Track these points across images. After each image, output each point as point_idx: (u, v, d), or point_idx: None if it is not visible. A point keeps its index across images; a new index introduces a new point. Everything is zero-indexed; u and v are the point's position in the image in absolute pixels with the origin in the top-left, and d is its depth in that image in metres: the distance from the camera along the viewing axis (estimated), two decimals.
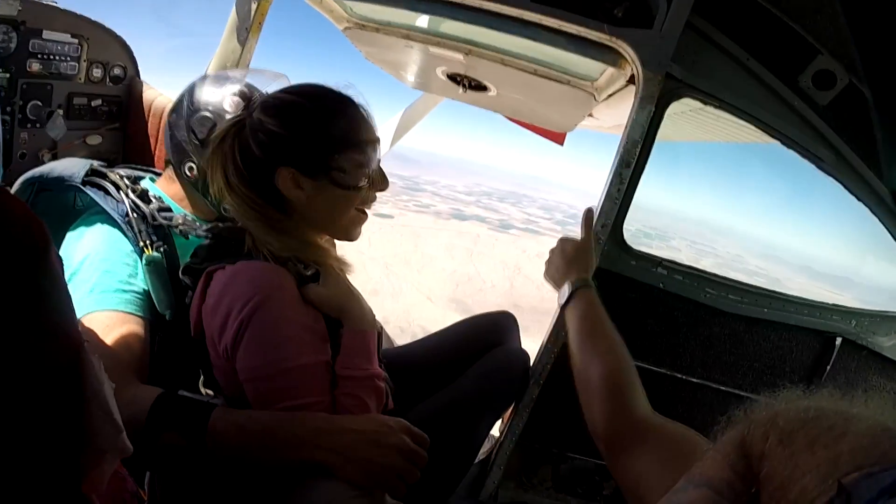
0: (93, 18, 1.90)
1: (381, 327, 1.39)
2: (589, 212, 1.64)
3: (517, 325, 1.99)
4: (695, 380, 1.90)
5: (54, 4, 1.81)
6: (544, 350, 1.88)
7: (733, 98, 1.66)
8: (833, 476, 0.54)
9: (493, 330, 1.93)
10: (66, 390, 0.50)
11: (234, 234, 1.21)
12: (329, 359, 1.14)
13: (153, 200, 1.42)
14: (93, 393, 0.53)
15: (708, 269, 1.84)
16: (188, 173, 1.45)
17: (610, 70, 1.89)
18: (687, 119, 2.16)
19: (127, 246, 1.31)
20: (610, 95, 2.28)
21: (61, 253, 1.23)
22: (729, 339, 1.88)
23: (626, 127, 1.68)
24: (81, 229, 1.33)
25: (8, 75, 1.70)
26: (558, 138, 4.09)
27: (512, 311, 2.05)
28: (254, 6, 2.00)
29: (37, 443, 0.46)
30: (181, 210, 1.48)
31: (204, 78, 1.47)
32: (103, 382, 0.55)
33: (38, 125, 1.80)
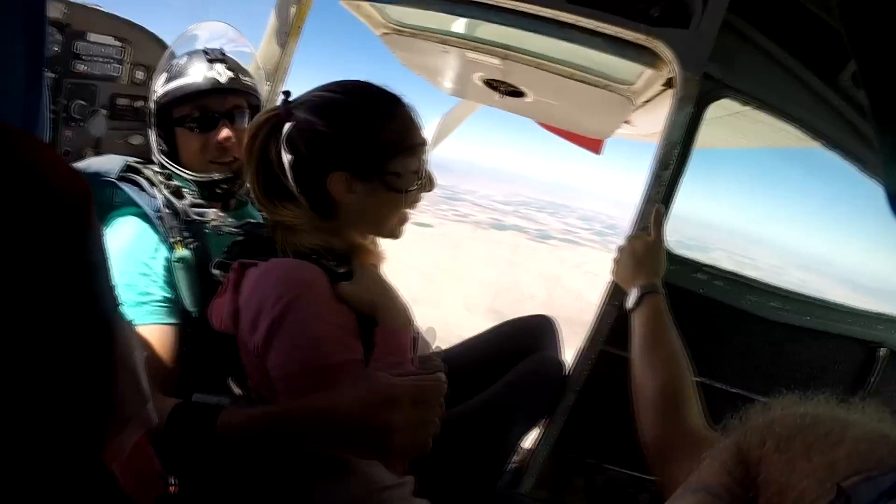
0: (133, 21, 1.97)
1: (418, 331, 1.38)
2: (659, 209, 1.60)
3: (556, 329, 1.96)
4: (733, 390, 1.83)
5: (98, 7, 1.89)
6: (581, 357, 1.86)
7: (772, 97, 1.61)
8: (831, 480, 0.55)
9: (531, 335, 1.91)
10: (95, 350, 0.49)
11: (266, 232, 1.22)
12: (361, 357, 1.12)
13: (187, 196, 1.46)
14: (122, 357, 0.52)
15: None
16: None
17: (647, 73, 1.87)
18: (723, 125, 2.11)
19: (154, 243, 1.35)
20: (647, 102, 2.25)
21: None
22: (769, 348, 1.80)
23: (664, 128, 1.65)
24: (114, 224, 1.38)
25: (54, 76, 1.77)
26: (595, 147, 4.04)
27: None
28: (293, 10, 2.05)
29: (59, 403, 0.45)
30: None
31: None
32: (134, 348, 0.55)
33: (82, 124, 1.87)
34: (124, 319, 0.55)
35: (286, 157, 1.12)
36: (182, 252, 1.35)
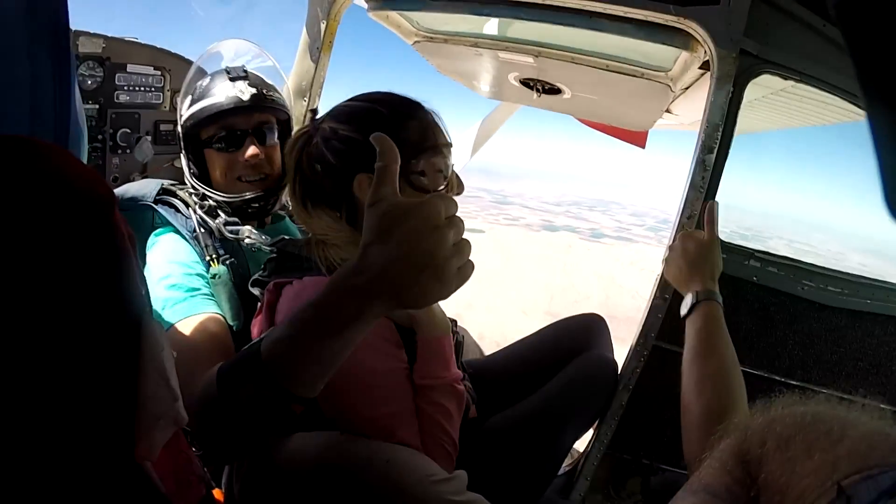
0: (170, 49, 2.07)
1: (462, 336, 1.38)
2: (712, 206, 1.51)
3: (606, 328, 1.91)
4: (794, 382, 1.73)
5: (135, 40, 1.99)
6: (633, 354, 1.81)
7: (813, 68, 1.52)
8: (832, 479, 0.54)
9: (581, 333, 1.87)
10: (123, 349, 0.51)
11: (299, 248, 1.24)
12: (406, 365, 1.14)
13: (221, 215, 1.48)
14: (151, 356, 0.54)
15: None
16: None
17: (683, 57, 1.81)
18: (768, 105, 2.01)
19: (194, 257, 1.39)
20: (686, 88, 2.18)
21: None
22: (830, 336, 1.69)
23: (704, 111, 1.59)
24: (154, 242, 1.44)
25: (97, 106, 1.87)
26: (639, 140, 3.95)
27: (607, 321, 1.96)
28: (323, 26, 2.10)
29: (90, 402, 0.47)
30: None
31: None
32: (163, 347, 0.56)
33: (128, 150, 1.97)
34: (152, 319, 0.56)
35: (318, 168, 1.15)
36: (218, 268, 1.38)
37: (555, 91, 2.73)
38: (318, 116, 1.22)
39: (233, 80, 1.50)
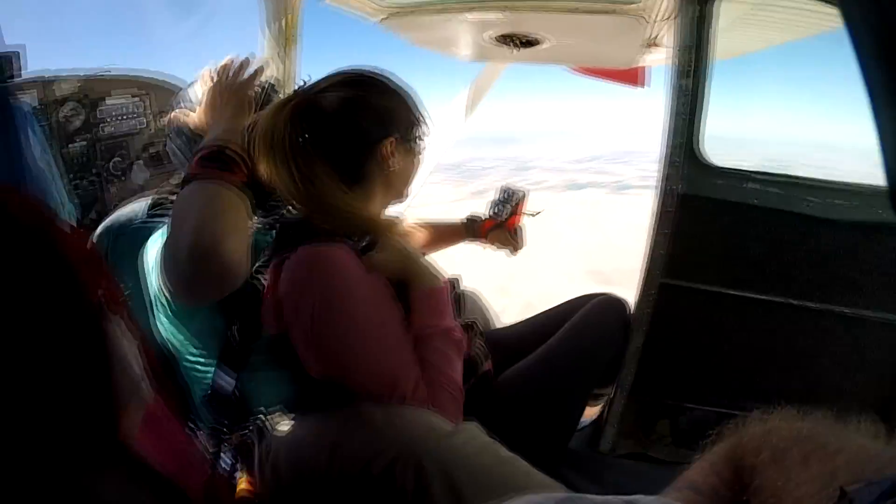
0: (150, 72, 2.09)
1: (462, 293, 1.42)
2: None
3: (626, 304, 1.87)
4: (813, 305, 1.65)
5: (107, 71, 2.02)
6: (641, 295, 1.77)
7: None
8: (831, 486, 0.54)
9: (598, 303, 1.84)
10: (88, 347, 0.58)
11: (292, 221, 1.27)
12: (402, 316, 1.19)
13: None
14: (113, 347, 0.60)
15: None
16: None
17: None
18: (753, 22, 1.90)
19: None
20: (669, 18, 2.08)
21: (147, 261, 1.35)
22: (845, 252, 1.60)
23: (675, 34, 1.52)
24: (153, 240, 1.42)
25: (85, 142, 1.92)
26: (636, 79, 3.81)
27: None
28: (282, 23, 2.07)
29: (72, 394, 0.54)
30: None
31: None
32: (122, 335, 0.62)
33: (122, 178, 2.02)
34: (110, 314, 0.61)
35: (326, 134, 1.19)
36: None
37: (532, 43, 2.64)
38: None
39: None
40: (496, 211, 1.73)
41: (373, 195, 1.26)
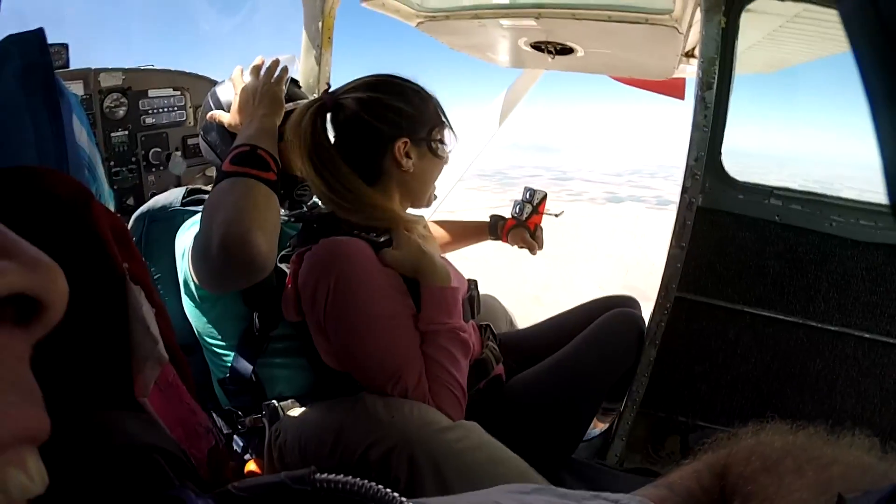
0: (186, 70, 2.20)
1: (476, 293, 1.44)
2: None
3: (638, 307, 1.86)
4: (832, 328, 1.60)
5: (152, 66, 2.14)
6: (656, 308, 1.75)
7: None
8: (826, 494, 0.54)
9: (614, 307, 1.83)
10: (113, 309, 0.65)
11: (316, 218, 1.34)
12: (412, 311, 1.23)
13: None
14: (134, 311, 0.66)
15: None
16: None
17: None
18: (792, 34, 1.86)
19: None
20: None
21: (178, 247, 1.44)
22: (867, 275, 1.55)
23: (699, 45, 1.51)
24: (188, 226, 1.49)
25: (127, 132, 2.04)
26: (677, 92, 3.76)
27: None
28: (320, 24, 2.13)
29: (95, 352, 0.61)
30: None
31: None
32: (142, 303, 0.68)
33: (160, 167, 2.14)
34: (133, 284, 0.69)
35: (346, 133, 1.28)
36: None
37: (567, 51, 2.64)
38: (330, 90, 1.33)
39: None
40: (518, 210, 1.76)
41: (391, 193, 1.31)
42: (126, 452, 0.47)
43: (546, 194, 1.75)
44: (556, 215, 1.82)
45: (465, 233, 1.89)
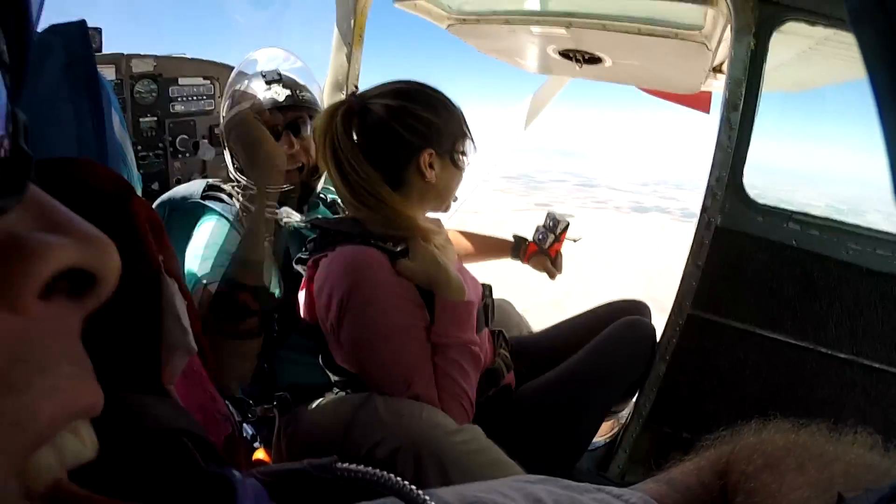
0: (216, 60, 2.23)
1: (490, 303, 1.47)
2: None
3: (649, 312, 1.89)
4: (842, 355, 1.60)
5: (184, 55, 2.19)
6: (668, 323, 1.76)
7: (841, 10, 1.38)
8: (828, 492, 0.54)
9: (625, 314, 1.84)
10: (149, 298, 0.67)
11: (334, 225, 1.35)
12: (426, 324, 1.25)
13: None
14: (167, 300, 0.69)
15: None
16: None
17: (711, 12, 1.71)
18: (823, 55, 1.85)
19: (232, 237, 1.51)
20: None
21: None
22: (881, 304, 1.54)
23: (727, 66, 1.51)
24: (202, 222, 1.56)
25: (156, 118, 2.08)
26: (702, 105, 3.74)
27: None
28: (351, 22, 2.16)
29: (128, 338, 0.63)
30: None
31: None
32: (175, 294, 0.71)
33: (187, 154, 2.19)
34: (166, 275, 0.71)
35: (373, 138, 1.29)
36: None
37: (595, 60, 2.65)
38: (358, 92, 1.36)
39: (268, 83, 1.61)
40: (541, 237, 1.78)
41: (412, 201, 1.33)
42: (157, 435, 0.49)
43: (568, 223, 1.77)
44: (575, 241, 1.84)
45: (487, 248, 1.92)
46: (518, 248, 1.84)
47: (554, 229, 1.77)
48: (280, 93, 1.59)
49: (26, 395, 0.25)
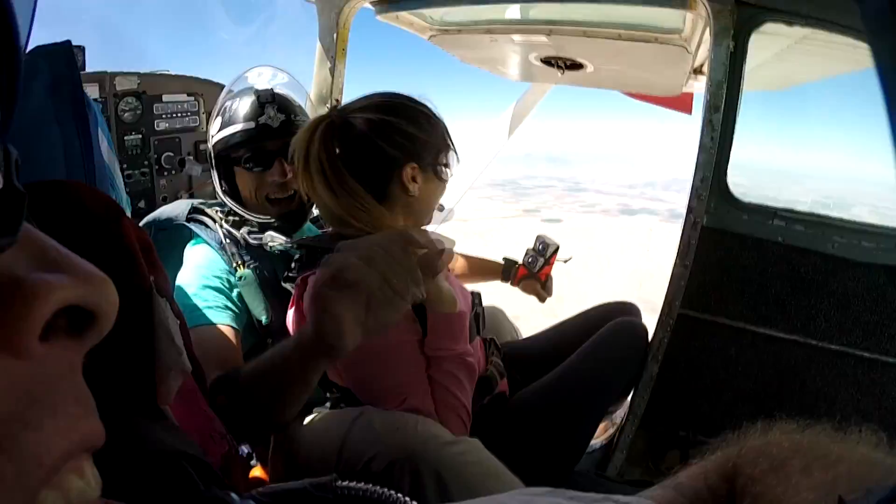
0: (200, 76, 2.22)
1: (480, 313, 1.44)
2: None
3: (639, 313, 1.89)
4: (833, 346, 1.62)
5: (167, 72, 2.16)
6: (659, 324, 1.77)
7: (818, 10, 1.41)
8: (832, 494, 0.53)
9: (615, 316, 1.86)
10: (141, 319, 0.67)
11: (318, 242, 1.35)
12: (419, 337, 1.23)
13: (245, 227, 1.57)
14: (160, 321, 0.68)
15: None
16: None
17: (690, 16, 1.74)
18: (801, 53, 1.88)
19: (223, 265, 1.50)
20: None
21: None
22: (869, 295, 1.57)
23: (707, 68, 1.54)
24: (187, 254, 1.55)
25: (140, 136, 2.06)
26: (685, 107, 3.79)
27: None
28: (334, 35, 2.17)
29: (123, 361, 0.62)
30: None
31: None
32: (168, 314, 0.71)
33: (172, 172, 2.17)
34: (158, 296, 0.71)
35: (355, 152, 1.25)
36: (244, 272, 1.48)
37: (577, 66, 2.68)
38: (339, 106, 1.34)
39: (262, 104, 1.56)
40: (530, 261, 1.78)
41: (396, 215, 1.32)
42: (158, 458, 0.49)
43: (558, 246, 1.77)
44: (565, 261, 1.84)
45: (479, 270, 1.92)
46: (508, 272, 1.84)
47: (544, 253, 1.77)
48: (274, 118, 1.55)
49: (41, 433, 0.26)
